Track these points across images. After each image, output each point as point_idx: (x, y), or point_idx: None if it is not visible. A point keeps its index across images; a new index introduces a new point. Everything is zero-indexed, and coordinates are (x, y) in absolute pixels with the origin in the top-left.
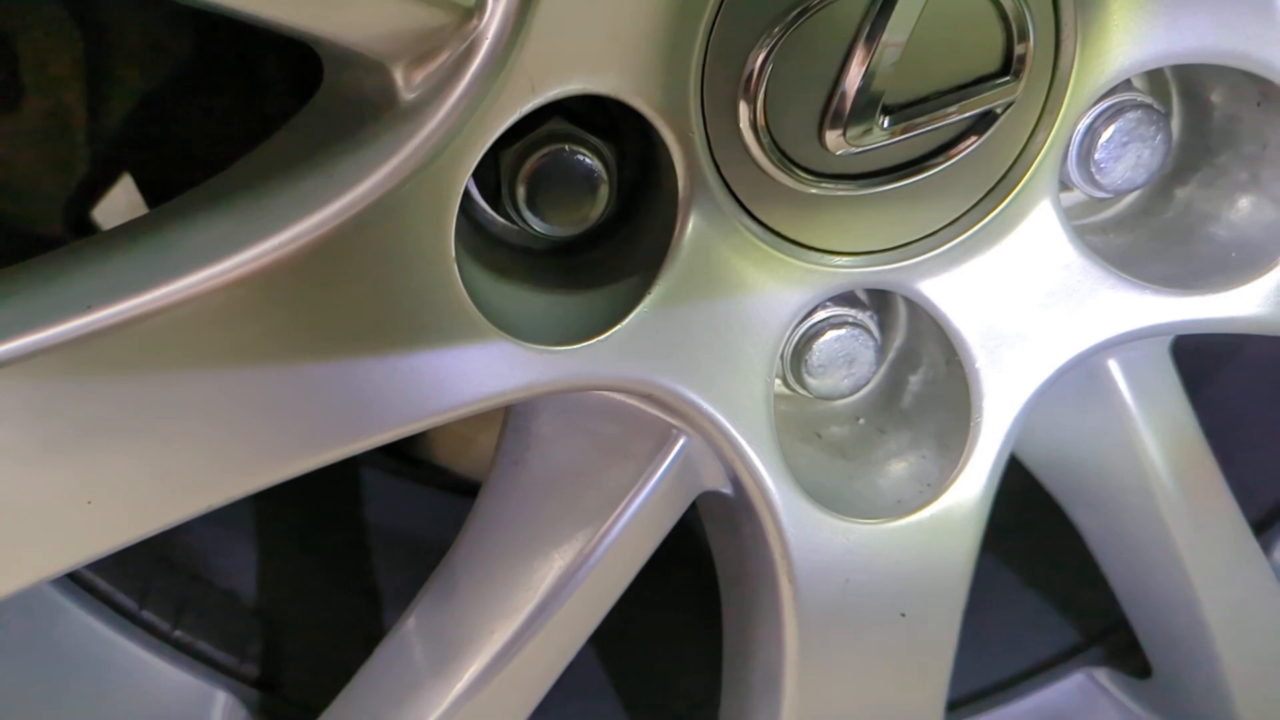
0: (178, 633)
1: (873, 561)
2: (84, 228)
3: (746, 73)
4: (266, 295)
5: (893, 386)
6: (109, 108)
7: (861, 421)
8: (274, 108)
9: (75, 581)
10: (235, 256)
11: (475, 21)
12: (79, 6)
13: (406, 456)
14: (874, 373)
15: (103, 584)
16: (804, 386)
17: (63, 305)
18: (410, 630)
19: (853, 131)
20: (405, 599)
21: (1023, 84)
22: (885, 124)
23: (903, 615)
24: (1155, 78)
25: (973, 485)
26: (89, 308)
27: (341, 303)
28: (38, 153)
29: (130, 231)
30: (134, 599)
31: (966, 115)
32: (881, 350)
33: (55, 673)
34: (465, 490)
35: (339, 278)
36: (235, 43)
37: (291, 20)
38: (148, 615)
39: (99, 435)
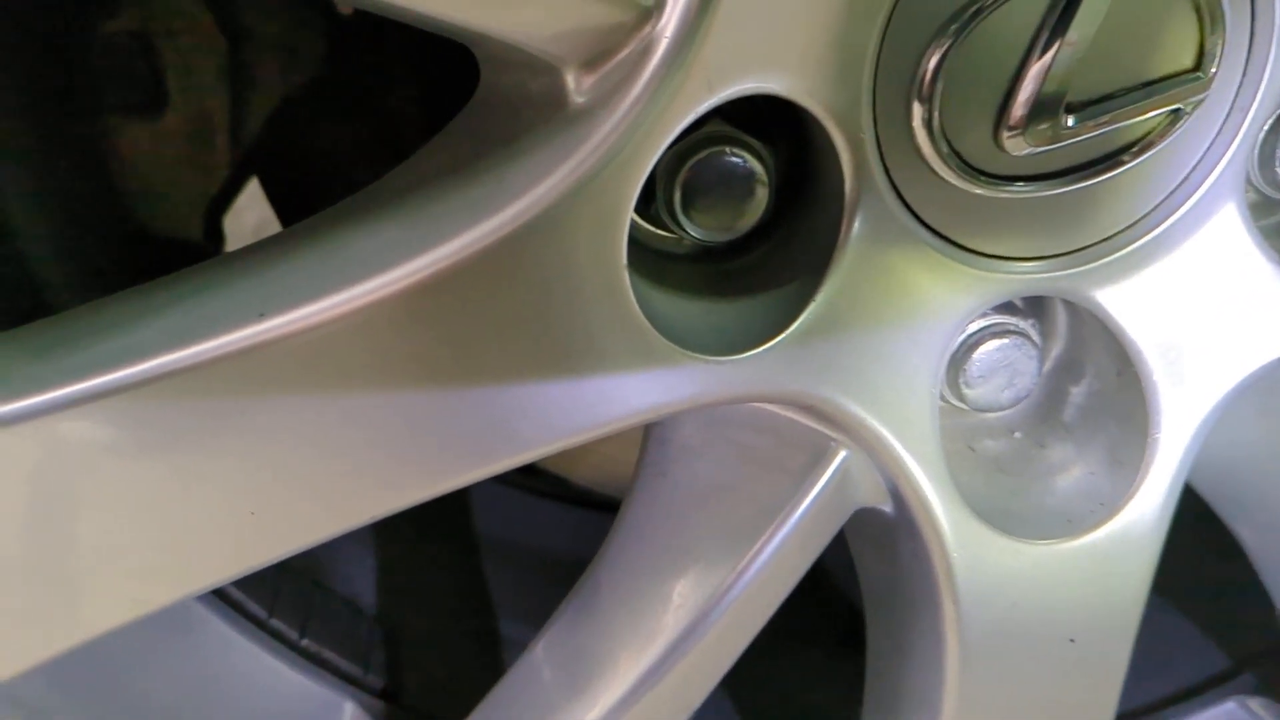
0: (305, 641)
1: (1042, 584)
2: (220, 233)
3: (921, 72)
4: (438, 303)
5: (1051, 398)
6: (249, 113)
7: (1018, 435)
8: (407, 115)
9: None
10: (409, 264)
11: (654, 21)
12: (223, 12)
13: (524, 466)
14: (1035, 384)
15: (235, 592)
16: (960, 398)
17: (234, 313)
18: (550, 646)
19: (1033, 131)
20: (522, 610)
21: (1214, 80)
22: (1069, 123)
23: (1071, 641)
24: None
25: (1150, 504)
26: (261, 315)
27: (511, 311)
28: (180, 159)
29: (299, 237)
30: (264, 607)
31: (1154, 113)
32: (1042, 360)
33: (196, 680)
34: (584, 501)
35: (510, 285)
36: (368, 48)
37: (468, 21)
38: (276, 623)
39: (266, 445)
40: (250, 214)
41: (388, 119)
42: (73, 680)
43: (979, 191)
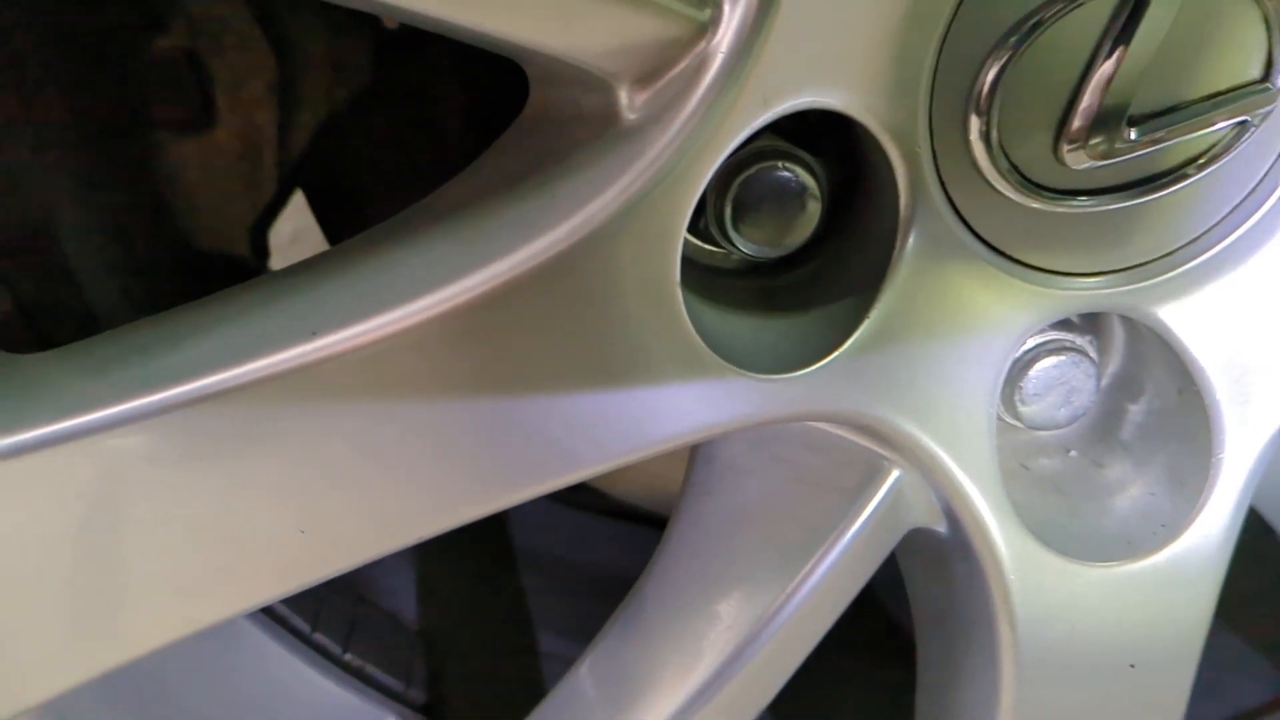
0: (348, 655)
1: (1102, 607)
2: (265, 247)
3: (979, 85)
4: (490, 322)
5: (1108, 416)
6: (296, 128)
7: (1073, 454)
8: (453, 129)
9: None
10: (461, 282)
11: (709, 36)
12: (271, 29)
13: None
14: (1093, 401)
15: (279, 606)
16: (1015, 416)
17: (286, 331)
18: (595, 665)
19: (1095, 144)
20: (562, 624)
21: None
22: (1132, 136)
23: (1132, 667)
24: None
25: (1214, 526)
26: (313, 334)
27: (563, 330)
28: (228, 174)
29: (350, 254)
30: (307, 621)
31: (1220, 125)
32: (1098, 377)
33: (238, 693)
34: (623, 514)
35: (562, 304)
36: (412, 62)
37: (520, 38)
38: (320, 638)
39: (315, 463)
40: (288, 223)
41: (434, 133)
42: (114, 692)
43: (1037, 206)
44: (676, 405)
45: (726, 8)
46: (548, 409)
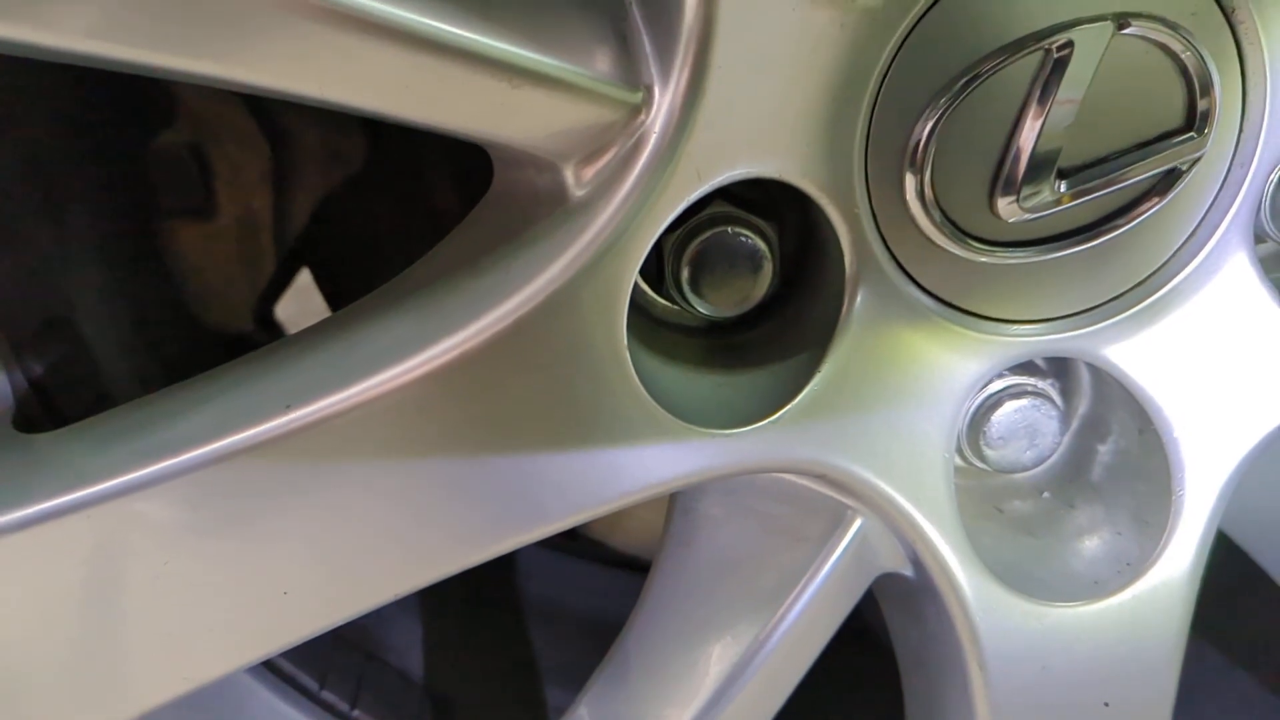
0: (356, 713)
1: (1072, 647)
2: (271, 323)
3: (912, 145)
4: (449, 390)
5: (1079, 457)
6: (293, 211)
7: (1046, 495)
8: (441, 203)
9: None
10: (421, 354)
11: (643, 117)
12: (266, 120)
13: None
14: (1058, 444)
15: (286, 665)
16: (982, 460)
17: (263, 406)
18: (587, 715)
19: (1027, 197)
20: (572, 678)
21: (1210, 139)
22: (1061, 188)
23: (1106, 705)
24: None
25: (1178, 563)
26: (287, 408)
27: (520, 394)
28: (230, 258)
29: (323, 332)
30: (315, 679)
31: (1150, 174)
32: (1065, 419)
33: None
34: (622, 563)
35: (516, 370)
36: (403, 145)
37: (472, 129)
38: (328, 695)
39: (294, 528)
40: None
41: (427, 207)
42: None
43: (978, 258)
44: (635, 461)
45: (657, 90)
46: (511, 469)
